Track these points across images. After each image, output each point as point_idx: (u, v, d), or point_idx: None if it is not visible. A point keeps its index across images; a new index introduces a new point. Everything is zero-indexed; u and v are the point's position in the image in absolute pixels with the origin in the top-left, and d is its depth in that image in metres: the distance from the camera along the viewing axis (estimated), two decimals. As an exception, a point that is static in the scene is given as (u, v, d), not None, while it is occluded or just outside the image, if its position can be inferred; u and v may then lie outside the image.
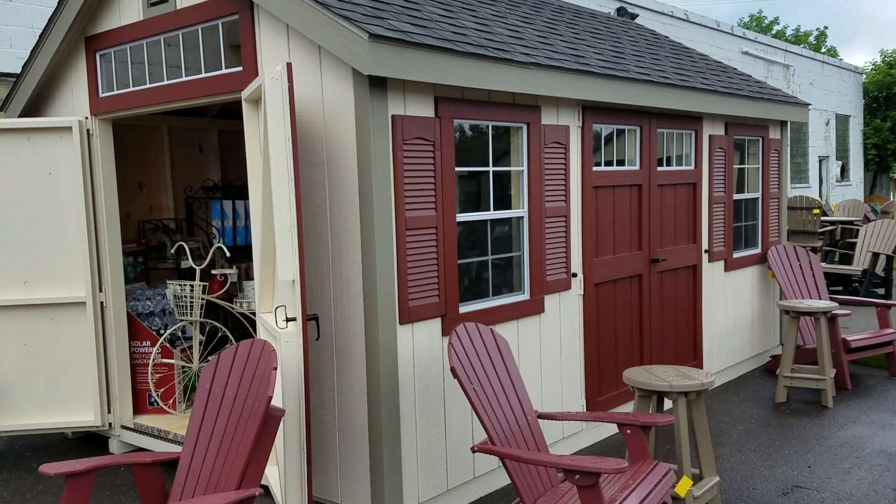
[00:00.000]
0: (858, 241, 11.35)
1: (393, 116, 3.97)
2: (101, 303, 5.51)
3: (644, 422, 3.83)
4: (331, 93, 4.01)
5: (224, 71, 4.57)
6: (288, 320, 3.68)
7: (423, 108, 4.16)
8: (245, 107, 4.34)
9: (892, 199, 27.57)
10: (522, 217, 4.85)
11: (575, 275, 5.25)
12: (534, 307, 4.91)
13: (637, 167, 5.83)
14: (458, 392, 4.42)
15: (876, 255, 10.73)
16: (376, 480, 4.00)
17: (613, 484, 3.66)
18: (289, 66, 3.61)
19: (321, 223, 4.14)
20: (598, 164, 5.48)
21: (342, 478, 4.19)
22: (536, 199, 4.90)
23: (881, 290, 11.12)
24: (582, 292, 5.31)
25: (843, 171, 27.85)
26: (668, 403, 6.22)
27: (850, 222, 14.46)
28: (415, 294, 4.11)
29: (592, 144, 5.37)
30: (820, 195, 26.48)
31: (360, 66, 3.70)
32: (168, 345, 5.71)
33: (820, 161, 26.62)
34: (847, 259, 13.11)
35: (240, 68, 4.46)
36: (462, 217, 4.44)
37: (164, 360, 5.68)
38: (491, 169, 4.64)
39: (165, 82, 4.91)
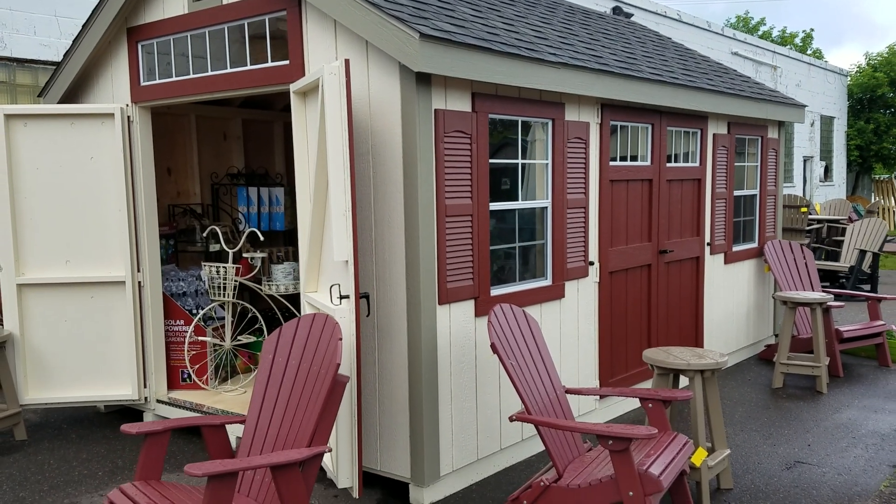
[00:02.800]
0: (846, 238, 11.77)
1: (436, 110, 4.27)
2: (139, 282, 5.77)
3: (665, 396, 4.17)
4: (377, 87, 4.30)
5: (270, 64, 4.84)
6: (342, 297, 3.97)
7: (461, 104, 4.45)
8: (294, 99, 4.62)
9: (873, 199, 28.19)
10: (546, 208, 5.17)
11: (592, 263, 5.58)
12: (555, 292, 5.23)
13: (648, 163, 6.17)
14: (489, 369, 4.74)
15: (863, 253, 11.17)
16: (416, 449, 4.31)
17: (640, 451, 3.99)
18: (346, 62, 3.89)
19: (365, 209, 4.43)
20: (614, 160, 5.80)
21: (381, 446, 4.49)
22: (559, 191, 5.21)
23: (867, 287, 11.56)
24: (598, 280, 5.65)
25: (827, 171, 28.42)
26: (681, 383, 6.56)
27: (837, 221, 14.93)
28: (452, 277, 4.41)
29: (609, 140, 5.70)
30: (804, 194, 27.04)
31: (411, 64, 3.99)
32: (201, 323, 5.98)
33: (804, 161, 27.15)
34: (833, 256, 13.56)
35: (286, 62, 4.74)
36: (493, 206, 4.75)
37: (198, 339, 5.95)
38: (520, 161, 4.95)
39: (209, 73, 5.17)
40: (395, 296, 4.34)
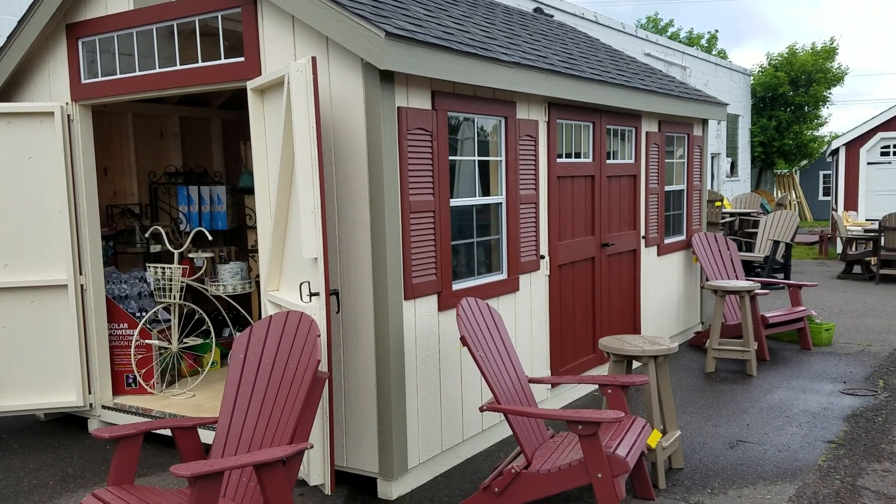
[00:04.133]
0: (759, 230, 12.41)
1: (399, 108, 4.33)
2: (82, 286, 5.60)
3: (625, 382, 4.35)
4: (339, 84, 4.32)
5: (224, 61, 4.78)
6: (311, 295, 3.98)
7: (422, 101, 4.52)
8: (251, 96, 4.59)
9: (776, 193, 29.68)
10: (501, 203, 5.30)
11: (543, 257, 5.75)
12: (510, 286, 5.36)
13: (591, 160, 6.38)
14: (451, 362, 4.82)
15: (776, 243, 11.80)
16: (384, 443, 4.36)
17: (604, 434, 4.16)
18: (313, 59, 3.91)
19: (329, 206, 4.44)
20: (560, 156, 5.99)
21: (348, 442, 4.52)
22: (513, 186, 5.35)
23: (780, 275, 12.22)
24: (548, 273, 5.82)
25: (733, 167, 29.74)
26: (632, 369, 6.81)
27: (748, 214, 15.71)
28: (417, 272, 4.48)
29: (556, 138, 5.87)
30: (712, 189, 28.22)
31: (377, 62, 4.04)
32: (147, 326, 5.84)
33: (713, 158, 28.33)
34: (747, 247, 14.26)
35: (241, 59, 4.69)
36: (453, 203, 4.84)
37: (144, 342, 5.81)
38: (476, 158, 5.06)
39: (158, 70, 5.07)
40: (361, 293, 4.37)
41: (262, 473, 3.14)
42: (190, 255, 5.98)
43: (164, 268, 5.75)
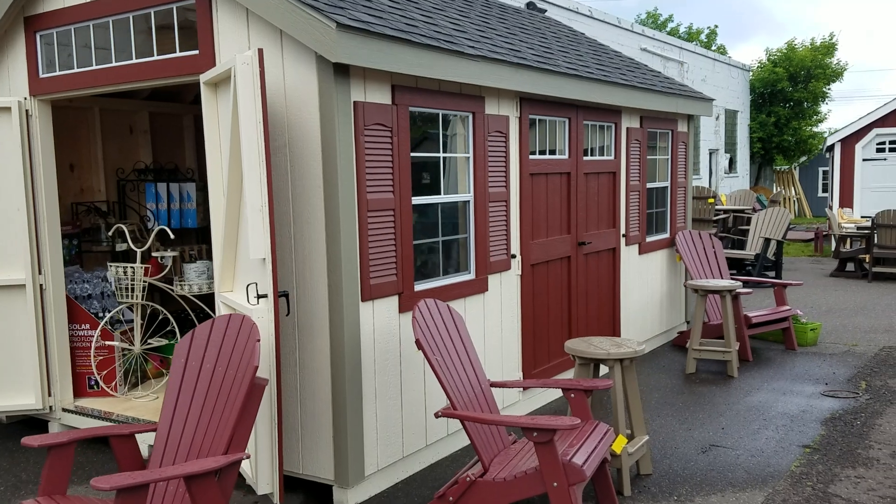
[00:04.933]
0: (751, 227, 12.25)
1: (355, 103, 4.18)
2: (41, 285, 5.46)
3: (587, 386, 4.21)
4: (293, 78, 4.17)
5: (178, 54, 4.64)
6: (259, 297, 3.84)
7: (381, 96, 4.37)
8: (204, 90, 4.44)
9: (774, 190, 29.48)
10: (468, 201, 5.15)
11: (514, 256, 5.60)
12: (478, 286, 5.22)
13: (567, 156, 6.23)
14: (413, 365, 4.68)
15: (767, 241, 11.64)
16: (339, 449, 4.22)
17: (563, 441, 4.02)
18: (260, 51, 3.76)
19: (282, 204, 4.30)
20: (534, 153, 5.83)
21: (304, 448, 4.38)
22: (481, 184, 5.20)
23: (772, 273, 12.06)
24: (520, 272, 5.67)
25: (731, 163, 29.55)
26: (602, 372, 6.67)
27: (742, 211, 15.54)
28: (375, 273, 4.34)
29: (529, 134, 5.72)
30: (710, 186, 28.04)
31: (328, 54, 3.89)
32: (108, 327, 5.71)
33: (710, 154, 28.15)
34: (739, 245, 14.10)
35: (196, 52, 4.55)
36: (416, 200, 4.69)
37: (106, 343, 5.68)
38: (441, 155, 4.91)
39: (114, 64, 4.92)
40: (316, 293, 4.23)
41: (192, 486, 3.00)
42: (154, 254, 5.83)
43: (125, 267, 5.61)
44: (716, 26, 36.15)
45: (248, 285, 3.88)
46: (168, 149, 7.37)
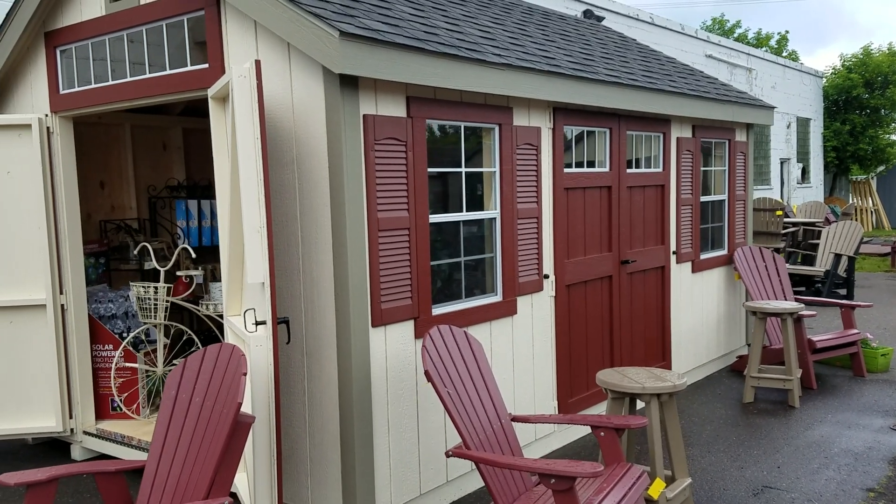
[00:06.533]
0: (821, 242, 11.53)
1: (364, 116, 3.91)
2: (62, 305, 5.35)
3: (618, 424, 3.82)
4: (301, 91, 3.93)
5: (189, 68, 4.46)
6: (257, 324, 3.60)
7: (395, 108, 4.10)
8: (212, 104, 4.24)
9: (850, 201, 28.12)
10: (495, 218, 4.82)
11: (547, 276, 5.23)
12: (506, 309, 4.87)
13: (607, 169, 5.84)
14: (432, 395, 4.37)
15: (838, 257, 10.91)
16: (348, 485, 3.93)
17: (589, 487, 3.64)
18: (257, 63, 3.53)
19: (291, 223, 4.06)
20: (570, 166, 5.47)
21: (312, 483, 4.11)
22: (509, 200, 4.87)
23: (843, 291, 11.31)
24: (554, 294, 5.30)
25: (804, 173, 28.35)
26: (640, 404, 6.23)
27: (812, 224, 14.71)
28: (387, 296, 4.05)
29: (563, 146, 5.36)
30: (781, 197, 26.93)
31: (331, 65, 3.63)
32: (131, 348, 5.57)
33: (781, 163, 27.05)
34: (809, 260, 13.33)
35: (206, 65, 4.36)
36: (435, 218, 4.39)
37: (128, 364, 5.54)
38: (463, 170, 4.60)
39: (128, 79, 4.79)
40: (325, 319, 3.97)
41: (165, 533, 2.75)
42: (179, 273, 5.68)
43: (145, 286, 5.47)
44: (786, 32, 34.88)
45: (245, 311, 3.64)
46: (202, 165, 7.27)
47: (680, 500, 4.14)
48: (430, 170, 4.36)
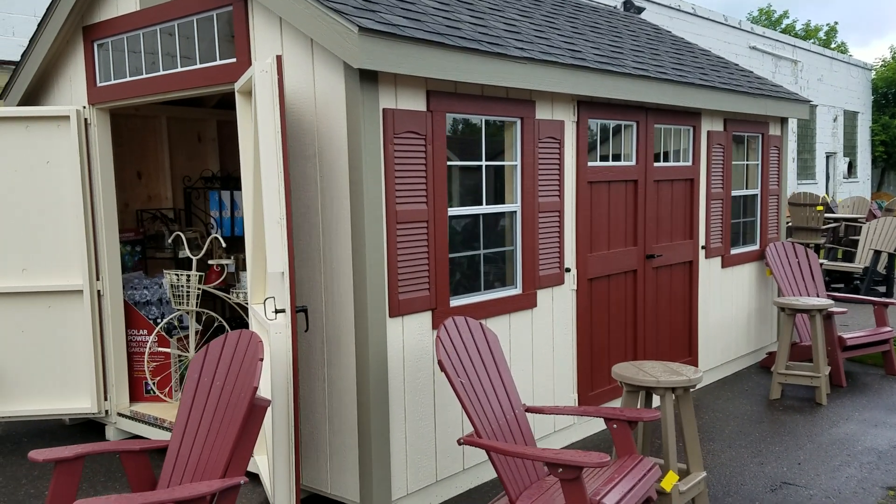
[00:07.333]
0: (861, 238, 11.31)
1: (384, 110, 3.99)
2: (98, 291, 5.55)
3: (630, 417, 3.85)
4: (322, 85, 4.03)
5: (218, 62, 4.59)
6: (277, 312, 3.71)
7: (414, 102, 4.17)
8: (238, 98, 4.36)
9: (899, 196, 27.43)
10: (515, 212, 4.87)
11: (568, 270, 5.26)
12: (526, 301, 4.92)
13: (633, 162, 5.83)
14: (449, 385, 4.44)
15: (878, 253, 10.70)
16: (364, 472, 4.03)
17: (598, 477, 3.68)
18: (278, 58, 3.63)
19: (313, 215, 4.16)
20: (594, 160, 5.48)
21: (332, 467, 4.22)
22: (530, 194, 4.91)
23: (882, 288, 11.09)
24: (575, 287, 5.33)
25: (851, 167, 27.72)
26: (657, 399, 6.23)
27: (854, 219, 14.42)
28: (405, 287, 4.13)
29: (587, 139, 5.37)
30: (827, 191, 26.39)
31: (351, 60, 3.71)
32: (165, 334, 5.75)
33: (827, 157, 26.50)
34: (850, 256, 13.07)
35: (233, 59, 4.48)
36: (454, 211, 4.46)
37: (161, 349, 5.73)
38: (484, 163, 4.66)
39: (161, 72, 4.94)
40: (344, 308, 4.07)
41: (182, 510, 2.88)
42: (210, 262, 5.84)
43: (178, 274, 5.64)
44: (835, 23, 34.05)
45: (265, 299, 3.76)
46: (235, 157, 7.43)
47: (693, 493, 4.16)
48: (449, 163, 4.43)
